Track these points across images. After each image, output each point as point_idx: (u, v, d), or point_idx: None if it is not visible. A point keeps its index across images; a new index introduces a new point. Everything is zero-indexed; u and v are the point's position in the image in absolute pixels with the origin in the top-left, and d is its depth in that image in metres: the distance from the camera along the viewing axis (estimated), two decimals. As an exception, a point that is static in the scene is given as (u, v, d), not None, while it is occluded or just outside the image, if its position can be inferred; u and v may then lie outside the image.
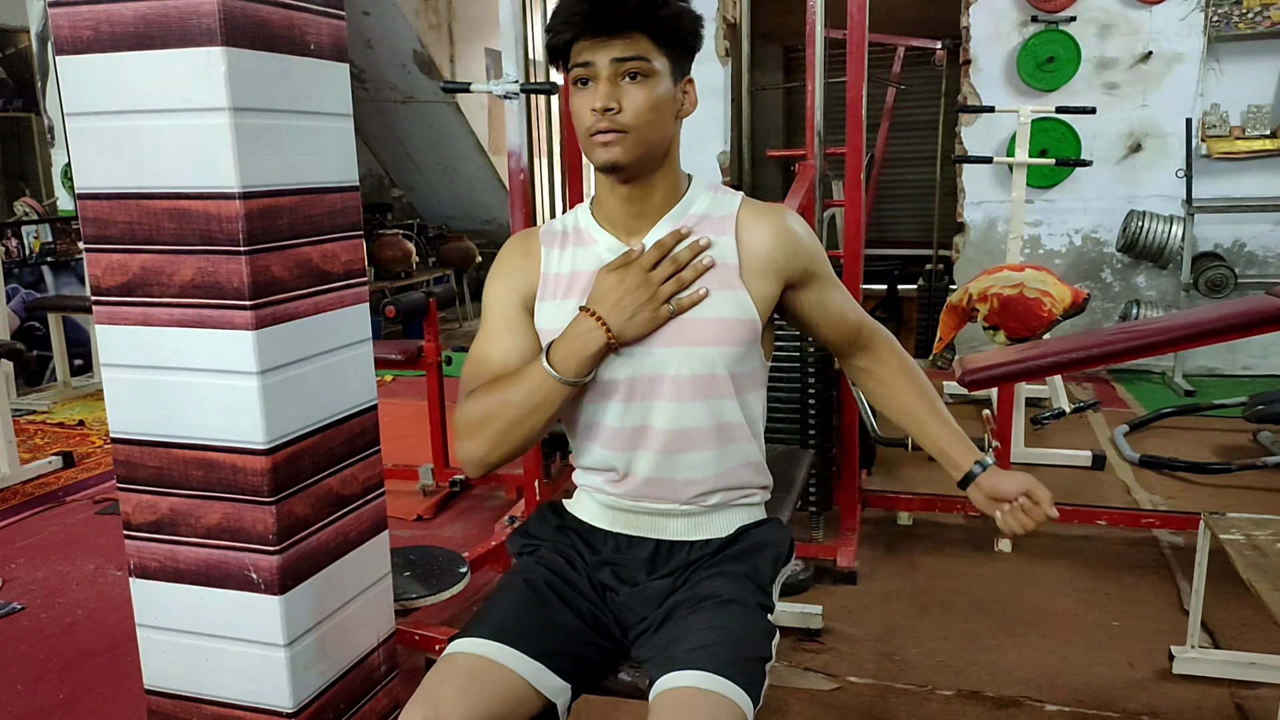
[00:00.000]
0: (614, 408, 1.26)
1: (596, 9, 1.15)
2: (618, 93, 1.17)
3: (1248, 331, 2.44)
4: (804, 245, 1.28)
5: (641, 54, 1.17)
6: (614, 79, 1.17)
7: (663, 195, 1.26)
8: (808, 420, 2.73)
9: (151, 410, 1.57)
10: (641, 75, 1.17)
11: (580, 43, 1.17)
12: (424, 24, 6.84)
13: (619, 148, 1.18)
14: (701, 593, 1.24)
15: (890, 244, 7.44)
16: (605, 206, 1.28)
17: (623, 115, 1.17)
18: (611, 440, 1.28)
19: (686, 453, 1.26)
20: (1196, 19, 4.69)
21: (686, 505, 1.30)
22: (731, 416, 1.27)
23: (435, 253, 7.52)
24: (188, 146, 1.44)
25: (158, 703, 1.71)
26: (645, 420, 1.25)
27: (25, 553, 3.02)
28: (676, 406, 1.24)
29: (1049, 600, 2.53)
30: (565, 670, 1.21)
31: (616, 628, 1.29)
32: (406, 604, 2.18)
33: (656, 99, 1.18)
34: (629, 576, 1.31)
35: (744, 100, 5.28)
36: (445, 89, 2.92)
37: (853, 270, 2.82)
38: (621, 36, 1.16)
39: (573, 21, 1.16)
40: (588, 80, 1.18)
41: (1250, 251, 4.85)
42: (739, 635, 1.18)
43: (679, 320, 1.22)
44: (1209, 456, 3.58)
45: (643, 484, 1.29)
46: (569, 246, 1.30)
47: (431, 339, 3.43)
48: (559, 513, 1.41)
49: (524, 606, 1.25)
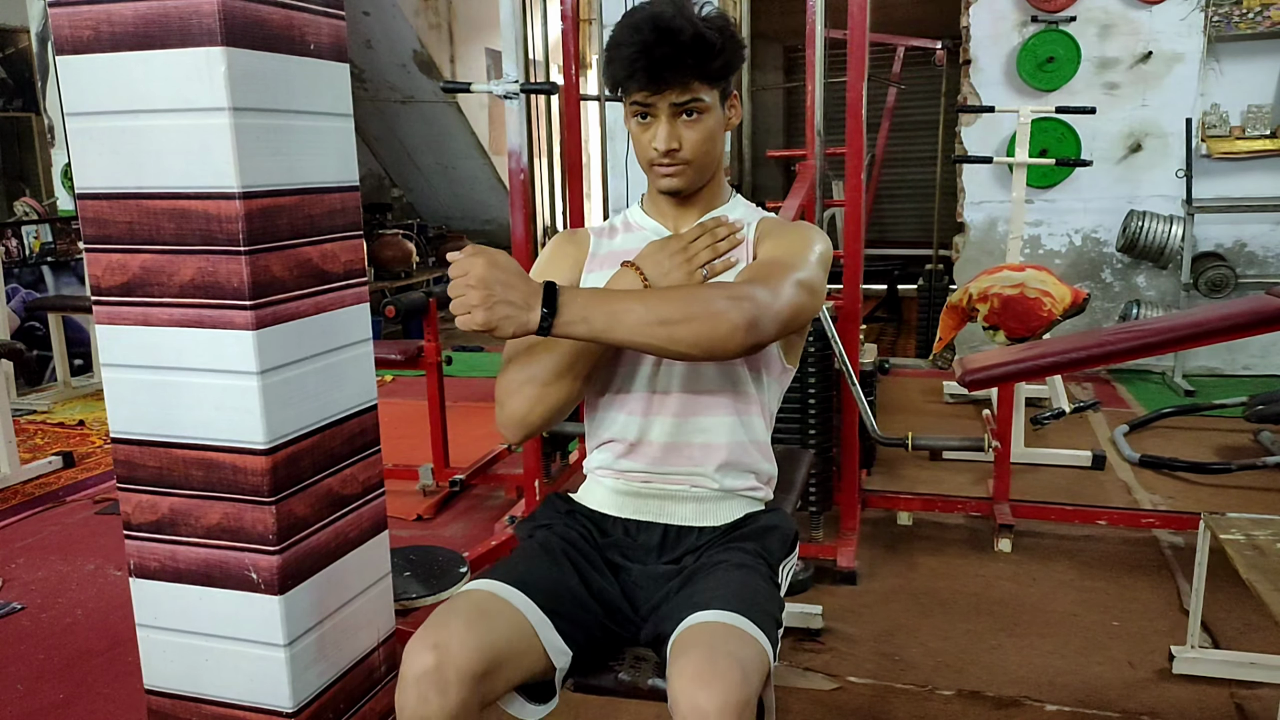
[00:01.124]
0: (645, 371, 1.35)
1: (656, 66, 1.23)
2: (677, 132, 1.29)
3: (1248, 331, 2.43)
4: (788, 225, 1.40)
5: (695, 95, 1.27)
6: (672, 119, 1.29)
7: (708, 199, 1.41)
8: (808, 420, 2.73)
9: (151, 410, 1.57)
10: (697, 112, 1.29)
11: (640, 91, 1.28)
12: (424, 24, 6.84)
13: (679, 179, 1.33)
14: (715, 559, 1.30)
15: (890, 244, 7.45)
16: (657, 204, 1.42)
17: (683, 153, 1.30)
18: (635, 405, 1.36)
19: (702, 415, 1.34)
20: (1196, 19, 4.69)
21: (696, 486, 1.35)
22: (745, 386, 1.36)
23: (435, 252, 7.52)
24: (188, 146, 1.44)
25: (158, 703, 1.70)
26: (668, 384, 1.35)
27: (25, 553, 3.02)
28: (695, 369, 1.33)
29: (1049, 600, 2.53)
30: (569, 635, 1.24)
31: (627, 604, 1.32)
32: (406, 604, 2.19)
33: (710, 132, 1.31)
34: (640, 558, 1.36)
35: (744, 100, 5.28)
36: (445, 89, 2.92)
37: (853, 270, 2.82)
38: (679, 85, 1.26)
39: (635, 77, 1.25)
40: (646, 115, 1.30)
41: (1250, 251, 4.85)
42: (756, 589, 1.23)
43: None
44: (1209, 456, 3.58)
45: (660, 451, 1.35)
46: (617, 235, 1.44)
47: (431, 339, 3.44)
48: (567, 501, 1.46)
49: (538, 564, 1.30)
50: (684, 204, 1.40)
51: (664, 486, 1.37)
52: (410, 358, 3.38)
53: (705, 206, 1.41)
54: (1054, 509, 2.98)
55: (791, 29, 5.60)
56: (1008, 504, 2.98)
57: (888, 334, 6.48)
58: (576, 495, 1.47)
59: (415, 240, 7.08)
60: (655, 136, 1.29)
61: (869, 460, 3.21)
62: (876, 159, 6.28)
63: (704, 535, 1.36)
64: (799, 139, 7.73)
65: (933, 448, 3.59)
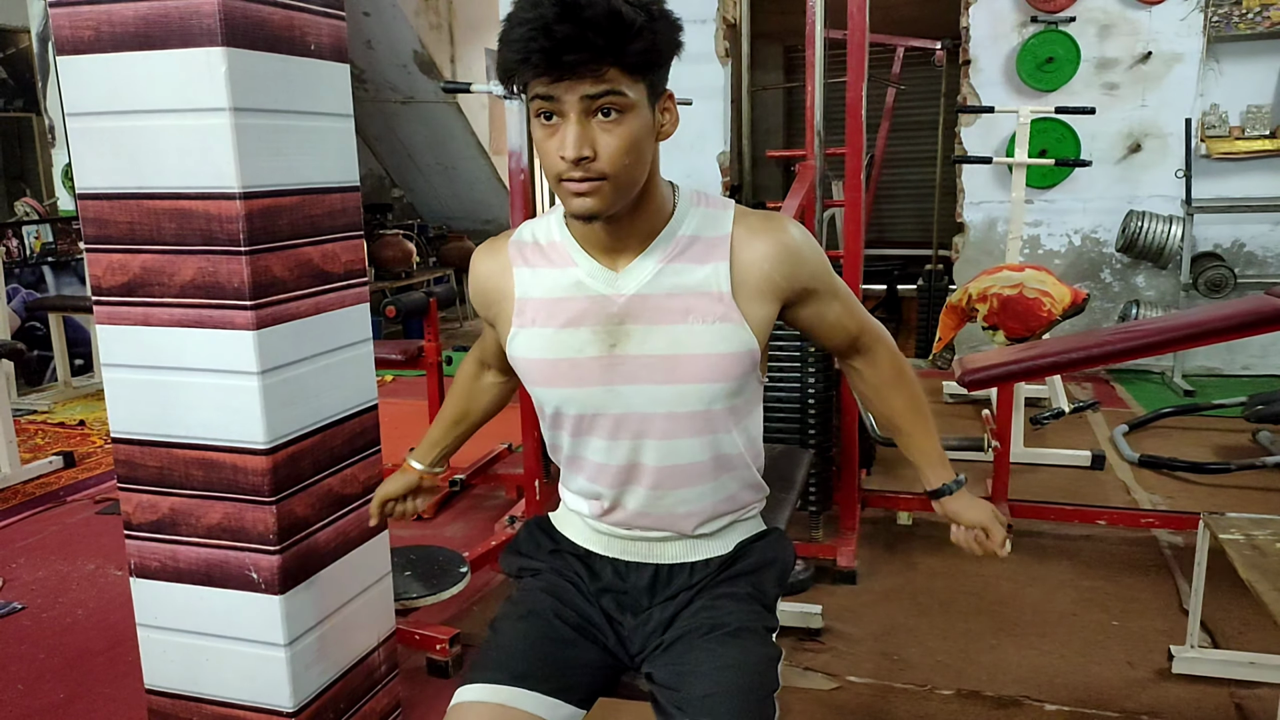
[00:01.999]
0: (598, 444, 1.20)
1: (557, 48, 0.97)
2: (590, 135, 1.01)
3: (1248, 331, 2.44)
4: (805, 262, 1.17)
5: (613, 87, 1.00)
6: (583, 118, 1.01)
7: (647, 219, 1.13)
8: (808, 420, 2.73)
9: (152, 410, 1.57)
10: (616, 111, 1.01)
11: (540, 79, 1.01)
12: (424, 24, 6.84)
13: (594, 199, 1.04)
14: (709, 621, 1.20)
15: (890, 244, 7.45)
16: (585, 228, 1.13)
17: (598, 163, 1.02)
18: (598, 475, 1.22)
19: (681, 488, 1.21)
20: (1196, 19, 4.69)
21: (684, 536, 1.26)
22: (730, 448, 1.21)
23: (435, 253, 7.52)
24: (188, 146, 1.44)
25: (158, 702, 1.71)
26: (636, 458, 1.19)
27: (25, 553, 3.02)
28: (670, 444, 1.18)
29: (1049, 600, 2.53)
30: (581, 700, 1.20)
31: (625, 654, 1.27)
32: (407, 604, 2.19)
33: (634, 138, 1.03)
34: (632, 604, 1.27)
35: (744, 100, 5.28)
36: (445, 89, 2.93)
37: (853, 270, 2.82)
38: (589, 73, 0.99)
39: (530, 60, 0.98)
40: (552, 115, 1.02)
41: (1250, 251, 4.85)
42: (751, 672, 1.15)
43: (671, 357, 1.13)
44: (1209, 456, 3.58)
45: (635, 516, 1.24)
46: (541, 266, 1.18)
47: (432, 339, 3.44)
48: (549, 532, 1.34)
49: (535, 642, 1.20)
50: (616, 229, 1.11)
51: (647, 533, 1.25)
52: (410, 358, 3.38)
53: (646, 230, 1.13)
54: (1053, 509, 2.98)
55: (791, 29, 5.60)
56: (1007, 504, 2.98)
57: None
58: (558, 521, 1.35)
59: (415, 240, 7.08)
60: (563, 142, 1.01)
61: (868, 460, 3.21)
62: (876, 159, 6.28)
63: (697, 571, 1.26)
64: (799, 139, 7.72)
65: (932, 448, 3.59)
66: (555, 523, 1.36)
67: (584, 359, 1.15)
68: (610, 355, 1.14)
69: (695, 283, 1.13)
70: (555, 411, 1.21)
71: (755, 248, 1.15)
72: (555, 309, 1.16)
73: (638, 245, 1.14)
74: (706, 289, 1.13)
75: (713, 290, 1.13)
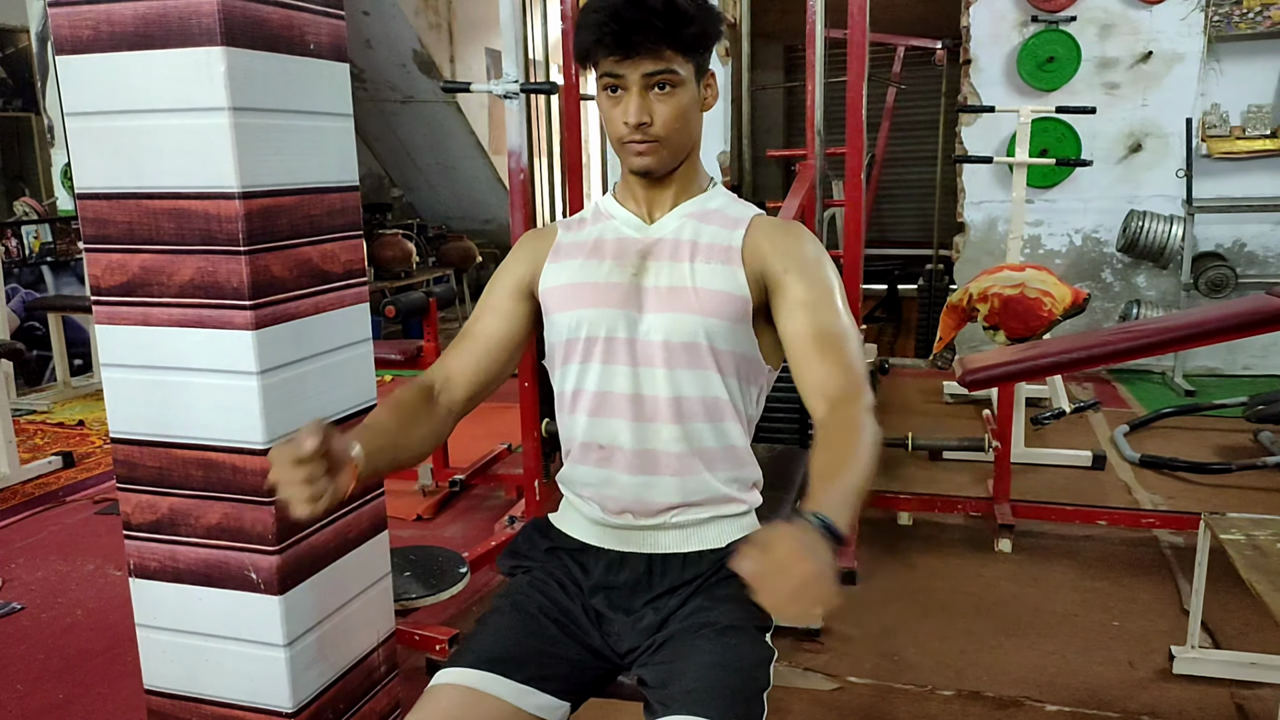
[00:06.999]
0: (604, 370, 1.28)
1: (625, 30, 1.18)
2: (648, 105, 1.23)
3: (1248, 331, 2.44)
4: (796, 244, 1.28)
5: (669, 65, 1.21)
6: (643, 91, 1.22)
7: (685, 187, 1.34)
8: (807, 420, 2.73)
9: (151, 410, 1.57)
10: (670, 85, 1.23)
11: (609, 57, 1.22)
12: (424, 24, 6.84)
13: (652, 157, 1.26)
14: (700, 620, 1.22)
15: (890, 244, 7.44)
16: (630, 189, 1.35)
17: (655, 128, 1.23)
18: (600, 405, 1.29)
19: (673, 423, 1.26)
20: (1197, 19, 4.69)
21: (679, 527, 1.27)
22: (721, 393, 1.27)
23: (435, 253, 7.52)
24: (188, 146, 1.44)
25: (157, 703, 1.70)
26: (636, 387, 1.27)
27: (25, 553, 3.02)
28: (668, 373, 1.26)
29: (1049, 600, 2.53)
30: (562, 691, 1.21)
31: (613, 653, 1.27)
32: (406, 604, 2.18)
33: (684, 108, 1.25)
34: (623, 602, 1.28)
35: (744, 100, 5.28)
36: (445, 89, 2.92)
37: (853, 270, 2.82)
38: (650, 53, 1.20)
39: (604, 41, 1.20)
40: (617, 89, 1.24)
41: (1250, 251, 4.85)
42: (738, 670, 1.15)
43: (676, 288, 1.26)
44: (1209, 456, 3.58)
45: (630, 458, 1.26)
46: (586, 226, 1.37)
47: (431, 339, 3.44)
48: (546, 533, 1.38)
49: (516, 633, 1.24)
50: (657, 188, 1.32)
51: (638, 520, 1.28)
52: (410, 358, 3.38)
53: (680, 193, 1.33)
54: (1054, 509, 2.98)
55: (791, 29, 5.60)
56: (1008, 504, 2.98)
57: (887, 334, 6.48)
58: (556, 520, 1.39)
59: (415, 240, 7.08)
60: (626, 110, 1.23)
61: (869, 460, 3.20)
62: (876, 159, 6.28)
63: (689, 565, 1.28)
64: (799, 139, 7.72)
65: (932, 448, 3.59)
66: (554, 521, 1.39)
67: (606, 283, 1.29)
68: (631, 283, 1.28)
69: (711, 235, 1.30)
70: (569, 338, 1.30)
71: (766, 229, 1.32)
72: (588, 247, 1.33)
73: (671, 205, 1.33)
74: (719, 241, 1.30)
75: (723, 243, 1.30)
